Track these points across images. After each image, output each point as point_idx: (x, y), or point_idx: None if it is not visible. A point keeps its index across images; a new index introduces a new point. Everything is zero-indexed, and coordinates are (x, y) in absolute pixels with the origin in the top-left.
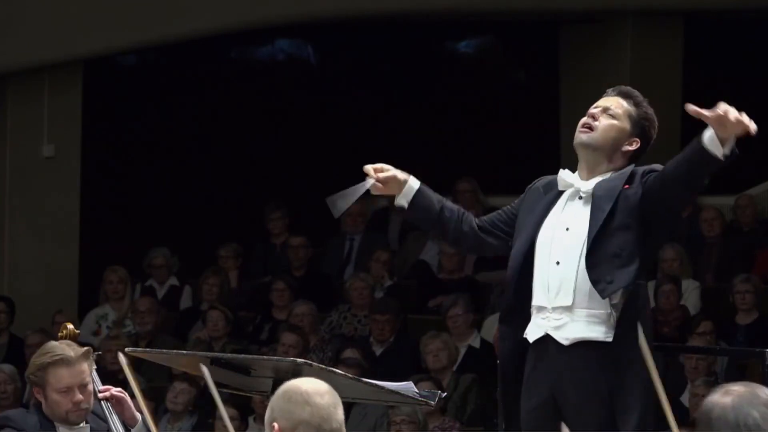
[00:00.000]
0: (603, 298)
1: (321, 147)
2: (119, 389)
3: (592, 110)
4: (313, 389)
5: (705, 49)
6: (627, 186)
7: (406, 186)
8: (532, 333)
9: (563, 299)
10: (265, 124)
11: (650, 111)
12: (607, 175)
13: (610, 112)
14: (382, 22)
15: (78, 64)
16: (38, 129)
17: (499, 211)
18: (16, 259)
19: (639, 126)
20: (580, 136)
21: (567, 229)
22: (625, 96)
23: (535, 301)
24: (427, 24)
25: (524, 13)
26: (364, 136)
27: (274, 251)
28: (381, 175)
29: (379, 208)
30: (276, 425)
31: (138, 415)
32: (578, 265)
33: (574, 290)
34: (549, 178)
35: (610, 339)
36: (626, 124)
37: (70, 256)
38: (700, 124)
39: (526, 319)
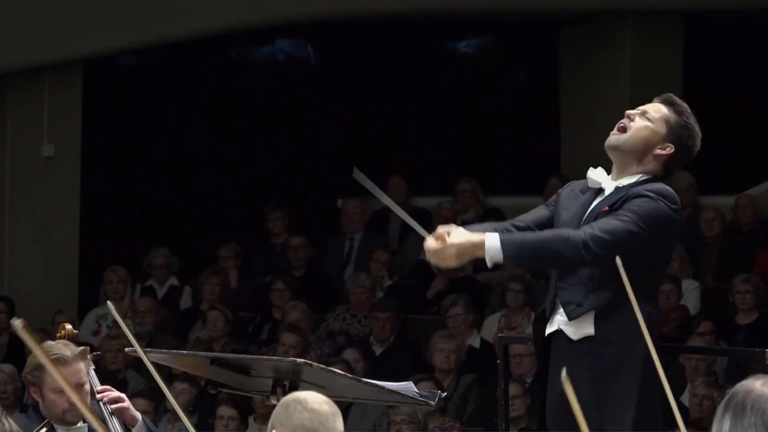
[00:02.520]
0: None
1: (321, 147)
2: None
3: (630, 111)
4: (311, 398)
5: (705, 49)
6: (606, 209)
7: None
8: (549, 326)
9: None
10: (265, 124)
11: (692, 122)
12: (635, 178)
13: (647, 115)
14: (382, 22)
15: (78, 64)
16: (38, 129)
17: (533, 212)
18: (16, 259)
19: (675, 132)
20: (610, 138)
21: None
22: (667, 103)
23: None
24: (427, 24)
25: (524, 13)
26: (364, 136)
27: (274, 251)
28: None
29: (379, 208)
30: (276, 431)
31: (138, 415)
32: None
33: None
34: (581, 181)
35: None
36: (661, 128)
37: (70, 256)
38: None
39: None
